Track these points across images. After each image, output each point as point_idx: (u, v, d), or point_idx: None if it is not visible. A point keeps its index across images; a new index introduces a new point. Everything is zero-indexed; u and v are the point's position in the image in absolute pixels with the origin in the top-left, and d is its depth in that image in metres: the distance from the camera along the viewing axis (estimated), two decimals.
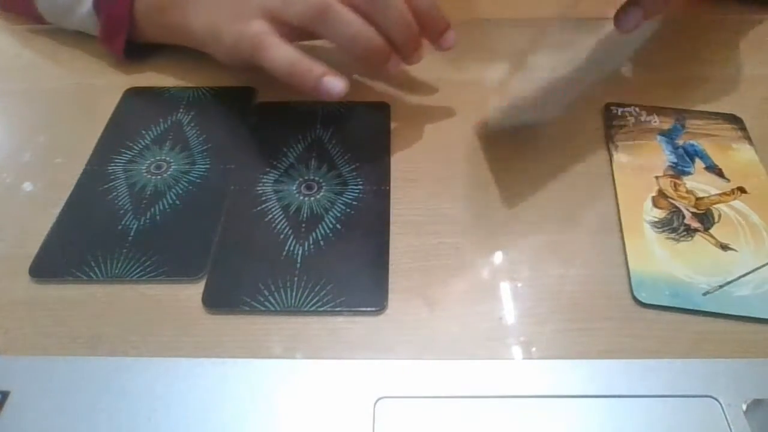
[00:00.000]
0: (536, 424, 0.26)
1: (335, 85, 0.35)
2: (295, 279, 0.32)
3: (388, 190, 0.36)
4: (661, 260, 0.32)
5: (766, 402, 0.27)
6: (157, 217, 0.35)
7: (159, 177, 0.37)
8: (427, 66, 0.45)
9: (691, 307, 0.30)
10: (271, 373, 0.28)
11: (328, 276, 0.32)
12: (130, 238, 0.34)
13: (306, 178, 0.37)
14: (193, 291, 0.32)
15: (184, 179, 0.37)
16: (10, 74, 0.46)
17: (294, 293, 0.31)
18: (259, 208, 0.35)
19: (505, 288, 0.32)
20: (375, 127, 0.41)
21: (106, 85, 0.44)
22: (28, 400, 0.27)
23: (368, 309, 0.31)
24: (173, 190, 0.36)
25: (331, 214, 0.35)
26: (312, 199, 0.36)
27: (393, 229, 0.34)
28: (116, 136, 0.40)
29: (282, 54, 0.36)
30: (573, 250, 0.33)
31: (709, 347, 0.29)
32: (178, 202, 0.36)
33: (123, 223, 0.34)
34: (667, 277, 0.32)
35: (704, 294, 0.31)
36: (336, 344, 0.29)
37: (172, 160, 0.38)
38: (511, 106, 0.42)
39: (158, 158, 0.38)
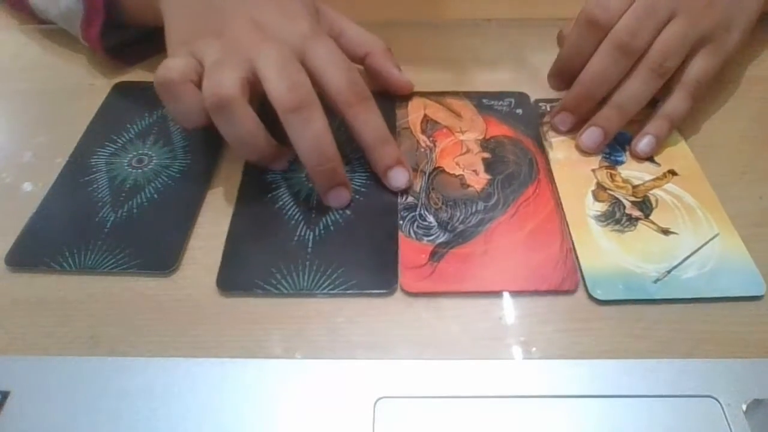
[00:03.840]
0: (536, 424, 0.26)
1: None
2: (307, 263, 0.32)
3: None
4: (610, 254, 0.33)
5: (766, 402, 0.27)
6: (134, 211, 0.35)
7: (140, 170, 0.37)
8: (428, 65, 0.46)
9: (644, 297, 0.31)
10: (271, 373, 0.28)
11: (339, 259, 0.32)
12: (105, 230, 0.34)
13: None
14: (194, 291, 0.32)
15: (165, 173, 0.37)
16: (10, 74, 0.46)
17: (306, 276, 0.32)
18: (270, 195, 0.36)
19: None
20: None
21: (106, 85, 0.44)
22: (28, 400, 0.27)
23: (380, 291, 0.31)
24: (152, 184, 0.37)
25: None
26: None
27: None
28: (101, 130, 0.41)
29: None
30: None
31: (710, 347, 0.29)
32: (156, 196, 0.36)
33: (100, 215, 0.35)
34: (618, 270, 0.32)
35: (655, 282, 0.31)
36: (336, 344, 0.29)
37: (154, 155, 0.39)
38: None
39: (141, 152, 0.39)
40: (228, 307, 0.31)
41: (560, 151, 0.39)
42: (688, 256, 0.32)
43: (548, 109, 0.41)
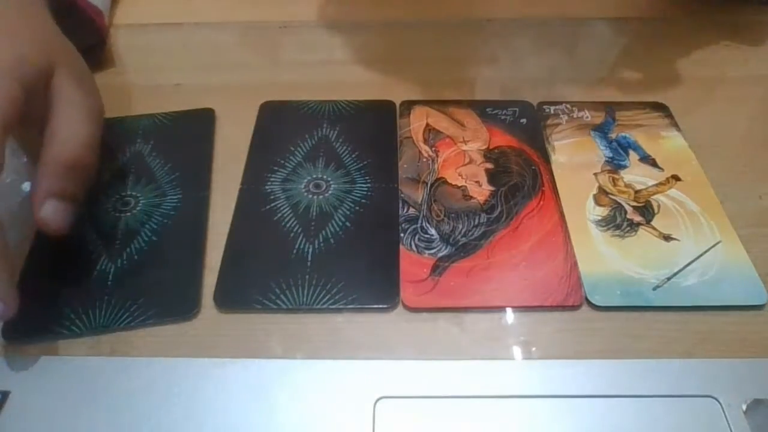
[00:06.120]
0: (536, 424, 0.26)
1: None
2: (306, 277, 0.32)
3: (397, 188, 0.36)
4: (609, 259, 0.32)
5: (766, 402, 0.27)
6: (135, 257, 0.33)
7: (129, 214, 0.35)
8: (430, 65, 0.46)
9: (643, 304, 0.30)
10: (271, 373, 0.28)
11: (339, 274, 0.32)
12: (109, 283, 0.32)
13: (314, 176, 0.37)
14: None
15: (157, 212, 0.35)
16: None
17: (305, 291, 0.31)
18: (267, 207, 0.35)
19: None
20: (381, 125, 0.41)
21: (104, 85, 0.44)
22: (28, 400, 0.27)
23: (380, 306, 0.31)
24: (146, 226, 0.34)
25: (340, 212, 0.35)
26: (321, 197, 0.36)
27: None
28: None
29: None
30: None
31: (710, 347, 0.29)
32: (154, 237, 0.34)
33: (99, 267, 0.32)
34: (617, 276, 0.32)
35: (654, 288, 0.31)
36: (336, 344, 0.29)
37: (140, 195, 0.36)
38: None
39: (128, 193, 0.36)
40: None
41: (563, 154, 0.38)
42: (689, 263, 0.32)
43: (552, 111, 0.41)
